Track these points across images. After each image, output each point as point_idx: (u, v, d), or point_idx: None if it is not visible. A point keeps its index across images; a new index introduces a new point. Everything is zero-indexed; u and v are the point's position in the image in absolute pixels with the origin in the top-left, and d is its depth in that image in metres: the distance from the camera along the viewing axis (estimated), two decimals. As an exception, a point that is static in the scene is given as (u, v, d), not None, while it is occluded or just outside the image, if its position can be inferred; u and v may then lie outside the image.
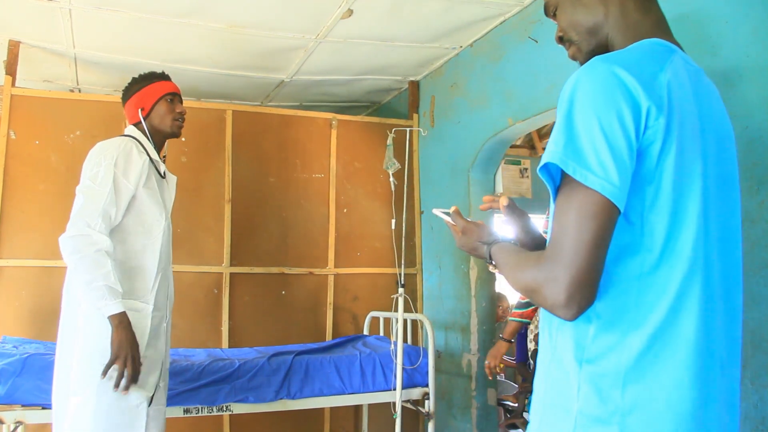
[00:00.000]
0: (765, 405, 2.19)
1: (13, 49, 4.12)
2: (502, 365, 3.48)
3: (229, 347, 4.35)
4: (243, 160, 4.60)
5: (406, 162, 3.75)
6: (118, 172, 2.50)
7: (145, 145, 2.68)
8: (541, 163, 1.14)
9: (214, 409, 3.26)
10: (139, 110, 2.74)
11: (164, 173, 2.76)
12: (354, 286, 4.83)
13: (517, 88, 3.74)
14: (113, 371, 2.37)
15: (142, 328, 2.52)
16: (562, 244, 1.08)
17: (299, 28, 3.95)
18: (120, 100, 2.90)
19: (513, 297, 5.13)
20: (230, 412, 3.33)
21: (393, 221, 3.77)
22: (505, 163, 6.29)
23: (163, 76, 2.83)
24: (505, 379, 5.24)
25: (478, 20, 3.89)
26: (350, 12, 3.68)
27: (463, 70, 4.39)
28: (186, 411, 3.21)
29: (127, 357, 2.37)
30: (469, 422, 4.24)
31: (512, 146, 4.45)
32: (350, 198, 4.88)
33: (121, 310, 2.38)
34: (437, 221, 4.73)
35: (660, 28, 1.31)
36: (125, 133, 2.72)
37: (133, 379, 2.41)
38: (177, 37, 4.06)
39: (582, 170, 1.07)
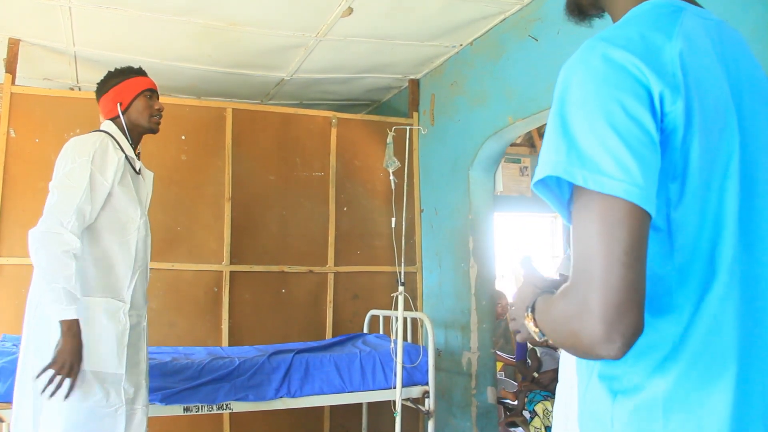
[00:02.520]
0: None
1: (13, 47, 4.11)
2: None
3: (229, 345, 4.35)
4: (243, 159, 4.60)
5: (406, 160, 3.75)
6: (94, 169, 2.45)
7: (120, 142, 2.62)
8: (538, 177, 0.93)
9: (214, 407, 3.26)
10: (118, 105, 2.68)
11: (139, 170, 2.70)
12: (354, 285, 4.83)
13: (517, 86, 3.74)
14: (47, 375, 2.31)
15: (121, 327, 2.49)
16: (590, 265, 0.86)
17: (299, 27, 3.95)
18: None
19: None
20: (230, 411, 3.33)
21: (393, 219, 3.77)
22: (505, 162, 6.30)
23: (140, 72, 2.78)
24: (505, 377, 5.25)
25: (478, 18, 3.88)
26: (350, 10, 3.68)
27: (463, 69, 4.39)
28: (186, 409, 3.21)
29: (65, 365, 2.30)
30: (469, 420, 4.24)
31: (512, 145, 4.45)
32: (350, 196, 4.88)
33: (74, 317, 2.31)
34: (437, 220, 4.74)
35: None
36: (101, 129, 2.66)
37: (68, 389, 2.32)
38: (177, 35, 4.06)
39: (595, 176, 0.86)
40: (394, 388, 3.52)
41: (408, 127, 3.92)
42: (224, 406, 3.29)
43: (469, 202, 4.33)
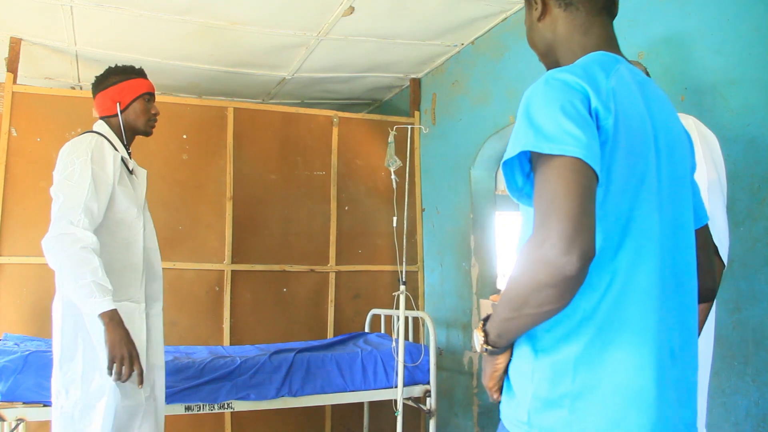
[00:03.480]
0: (766, 402, 2.19)
1: (15, 46, 4.11)
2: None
3: (231, 345, 4.35)
4: (244, 158, 4.60)
5: (408, 159, 3.74)
6: (95, 166, 2.43)
7: (114, 142, 2.60)
8: (510, 154, 1.16)
9: (216, 406, 3.26)
10: (117, 104, 2.66)
11: (132, 169, 2.68)
12: (355, 284, 4.83)
13: (518, 85, 3.74)
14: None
15: (138, 329, 2.48)
16: (549, 206, 1.07)
17: (300, 26, 3.95)
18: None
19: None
20: (232, 410, 3.33)
21: (394, 219, 3.77)
22: (506, 161, 6.29)
23: (141, 73, 2.75)
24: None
25: (480, 18, 3.88)
26: (351, 9, 3.68)
27: (465, 68, 4.38)
28: (187, 408, 3.21)
29: (123, 356, 2.28)
30: (471, 419, 4.24)
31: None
32: (351, 195, 4.88)
33: (112, 307, 2.28)
34: (439, 219, 4.74)
35: (606, 42, 1.37)
36: (94, 130, 2.64)
37: (138, 378, 2.34)
38: (178, 35, 4.06)
39: (555, 145, 1.09)
40: (396, 387, 3.52)
41: (409, 127, 3.91)
42: (226, 406, 3.29)
43: (470, 202, 4.33)
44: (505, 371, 1.28)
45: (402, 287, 3.56)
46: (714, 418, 2.38)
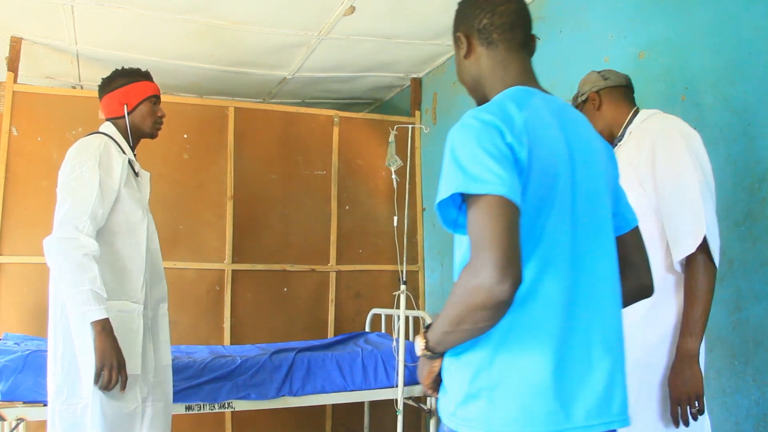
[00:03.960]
0: (767, 402, 2.19)
1: (16, 45, 4.12)
2: None
3: (231, 344, 4.36)
4: (245, 157, 4.60)
5: (408, 159, 3.74)
6: (102, 172, 2.46)
7: (121, 144, 2.63)
8: (443, 196, 1.30)
9: (216, 406, 3.27)
10: (124, 106, 2.68)
11: (138, 171, 2.71)
12: (356, 283, 4.83)
13: (519, 85, 3.73)
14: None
15: (135, 329, 2.49)
16: (482, 240, 1.22)
17: (301, 25, 3.95)
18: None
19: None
20: (232, 409, 3.33)
21: (395, 218, 3.77)
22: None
23: (148, 76, 2.78)
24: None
25: (481, 17, 3.87)
26: (352, 9, 3.68)
27: (466, 67, 4.38)
28: (188, 408, 3.21)
29: (112, 365, 2.33)
30: (471, 419, 4.24)
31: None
32: (352, 195, 4.88)
33: (105, 316, 2.32)
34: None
35: (524, 76, 1.51)
36: (101, 131, 2.66)
37: (122, 385, 2.38)
38: (179, 34, 4.06)
39: (482, 185, 1.24)
40: (396, 386, 3.51)
41: (410, 126, 3.91)
42: (226, 405, 3.29)
43: (471, 201, 4.32)
44: (440, 372, 1.45)
45: (402, 287, 3.56)
46: (715, 418, 2.38)
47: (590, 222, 1.41)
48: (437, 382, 1.47)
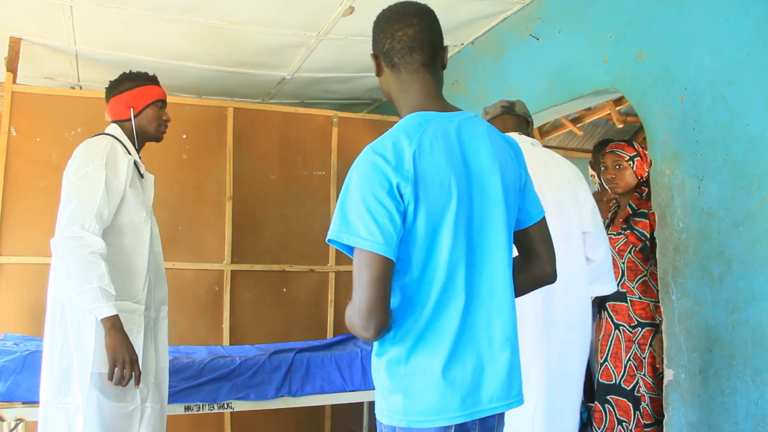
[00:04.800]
0: (766, 402, 2.19)
1: (14, 45, 4.11)
2: None
3: (230, 344, 4.35)
4: (244, 158, 4.60)
5: (407, 159, 3.73)
6: (108, 172, 2.48)
7: (127, 146, 2.66)
8: (328, 238, 1.52)
9: (215, 406, 3.27)
10: (131, 109, 2.72)
11: (143, 173, 2.75)
12: (355, 284, 4.82)
13: (518, 85, 3.74)
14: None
15: (137, 329, 2.52)
16: (356, 289, 1.48)
17: (300, 26, 3.95)
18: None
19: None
20: (231, 410, 3.33)
21: (394, 219, 3.77)
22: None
23: (155, 80, 2.84)
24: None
25: (480, 18, 3.88)
26: (351, 9, 3.68)
27: (465, 68, 4.38)
28: (187, 408, 3.21)
29: (124, 361, 2.37)
30: (470, 419, 4.24)
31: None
32: (351, 195, 4.87)
33: (114, 312, 2.36)
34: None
35: (424, 98, 1.65)
36: (107, 132, 2.69)
37: (136, 380, 2.42)
38: (178, 34, 4.06)
39: (354, 238, 1.46)
40: (395, 387, 3.51)
41: (409, 126, 3.90)
42: (225, 406, 3.29)
43: (470, 201, 4.32)
44: None
45: (402, 287, 3.56)
46: (714, 418, 2.38)
47: (487, 229, 1.59)
48: None
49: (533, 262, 1.75)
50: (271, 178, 4.67)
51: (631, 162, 3.23)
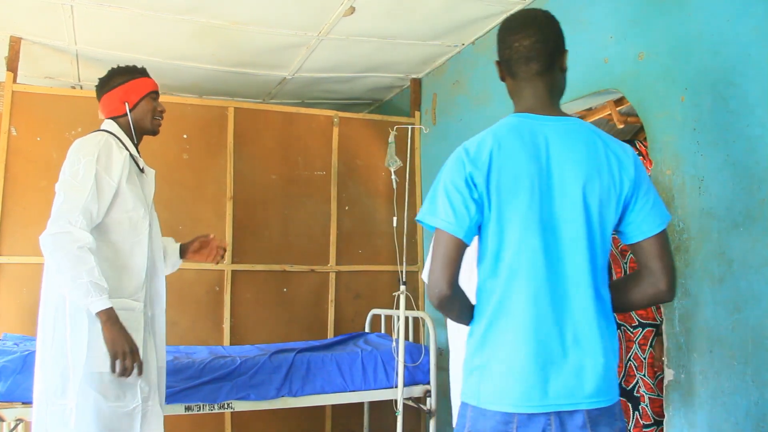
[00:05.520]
0: (766, 403, 2.19)
1: (15, 45, 4.11)
2: None
3: (231, 345, 4.35)
4: (245, 158, 4.60)
5: (408, 159, 3.74)
6: (99, 168, 2.44)
7: (123, 141, 2.62)
8: (417, 218, 1.76)
9: (216, 406, 3.27)
10: (125, 104, 2.68)
11: (143, 168, 2.71)
12: (356, 284, 4.83)
13: (518, 85, 3.73)
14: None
15: (136, 327, 2.49)
16: (433, 256, 1.70)
17: (301, 26, 3.95)
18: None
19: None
20: (232, 410, 3.34)
21: (395, 219, 3.77)
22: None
23: (145, 72, 2.78)
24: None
25: (481, 18, 3.88)
26: (352, 9, 3.68)
27: (466, 68, 4.38)
28: (187, 408, 3.22)
29: (125, 351, 2.35)
30: (471, 420, 4.23)
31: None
32: (352, 195, 4.88)
33: (108, 305, 2.33)
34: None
35: (531, 104, 1.79)
36: (102, 128, 2.66)
37: (139, 370, 2.40)
38: (179, 34, 4.06)
39: (433, 218, 1.69)
40: (396, 387, 3.52)
41: (410, 127, 3.91)
42: (226, 406, 3.29)
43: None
44: None
45: (402, 287, 3.56)
46: (714, 418, 2.38)
47: (562, 230, 1.68)
48: None
49: (646, 278, 1.75)
50: (271, 178, 4.68)
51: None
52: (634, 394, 3.06)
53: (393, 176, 3.71)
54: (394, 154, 3.76)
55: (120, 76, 2.73)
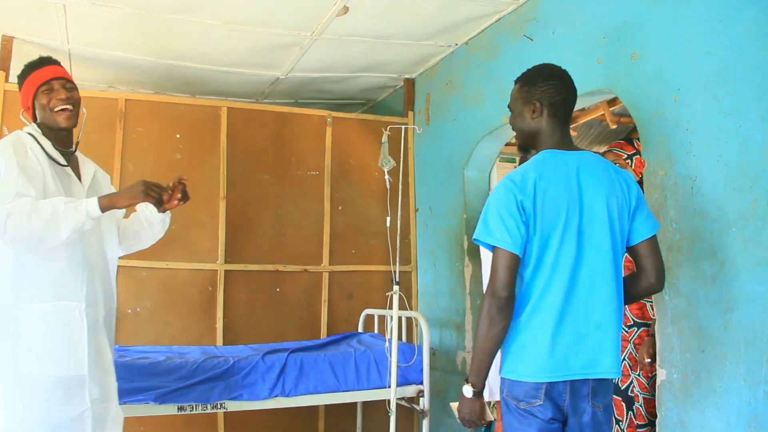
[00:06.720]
0: (758, 402, 2.20)
1: (7, 44, 4.10)
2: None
3: (224, 344, 4.35)
4: (238, 157, 4.59)
5: (401, 159, 3.74)
6: (19, 157, 2.35)
7: (39, 140, 2.48)
8: (475, 237, 2.14)
9: (209, 406, 3.26)
10: (21, 113, 2.57)
11: (69, 165, 2.56)
12: (349, 284, 4.83)
13: (512, 86, 3.73)
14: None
15: (78, 329, 2.41)
16: (492, 274, 2.06)
17: (294, 25, 3.94)
18: (113, 96, 2.77)
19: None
20: (225, 410, 3.33)
21: (388, 219, 3.76)
22: (500, 161, 6.29)
23: (37, 65, 2.59)
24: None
25: (474, 18, 3.88)
26: (346, 9, 3.68)
27: (459, 68, 4.39)
28: (180, 408, 3.21)
29: (146, 189, 2.40)
30: (464, 420, 4.24)
31: (507, 144, 4.45)
32: (345, 195, 4.88)
33: (94, 200, 2.31)
34: (432, 219, 4.74)
35: (560, 141, 2.22)
36: (24, 129, 2.55)
37: (159, 200, 2.51)
38: (172, 34, 4.05)
39: (492, 238, 2.07)
40: (389, 387, 3.51)
41: (403, 127, 3.91)
42: (218, 406, 3.29)
43: (464, 202, 4.33)
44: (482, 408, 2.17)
45: (395, 287, 3.56)
46: (706, 418, 2.39)
47: (592, 240, 2.10)
48: (482, 416, 2.15)
49: (640, 274, 2.20)
50: (264, 178, 4.67)
51: (629, 160, 3.23)
52: (629, 393, 3.07)
53: (386, 176, 3.71)
54: (387, 154, 3.75)
55: (19, 79, 2.61)
